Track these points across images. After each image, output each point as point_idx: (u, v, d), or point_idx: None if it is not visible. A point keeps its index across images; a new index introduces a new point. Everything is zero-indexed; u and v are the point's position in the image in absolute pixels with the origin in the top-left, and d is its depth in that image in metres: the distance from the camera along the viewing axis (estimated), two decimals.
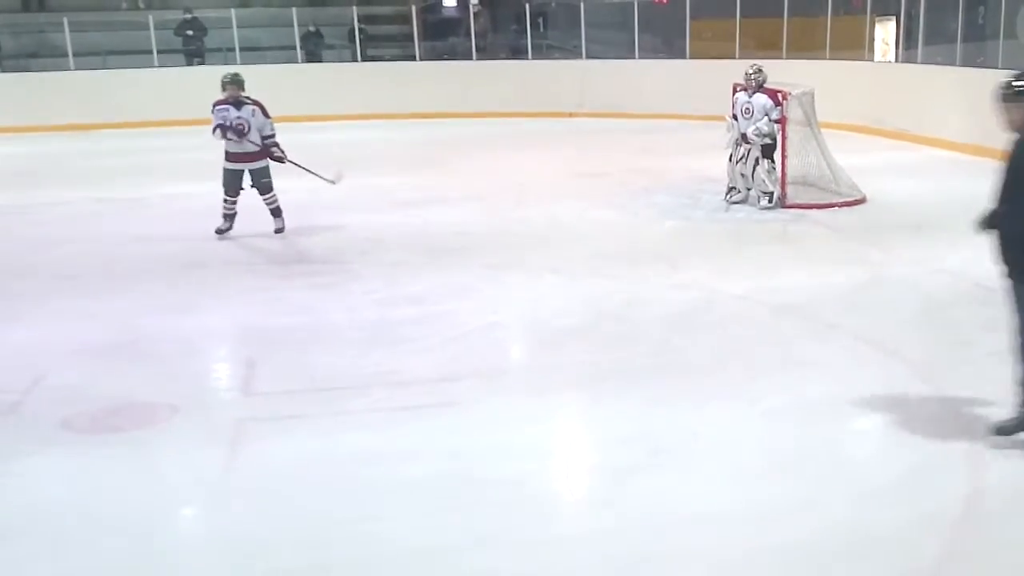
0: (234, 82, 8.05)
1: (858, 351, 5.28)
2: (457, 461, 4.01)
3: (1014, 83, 4.02)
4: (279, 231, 8.16)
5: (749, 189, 8.92)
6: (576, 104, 16.82)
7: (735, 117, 8.84)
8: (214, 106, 7.99)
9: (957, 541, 3.40)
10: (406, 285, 6.62)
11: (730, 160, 9.01)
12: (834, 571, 3.26)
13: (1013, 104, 4.03)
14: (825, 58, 14.70)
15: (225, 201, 8.06)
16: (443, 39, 19.55)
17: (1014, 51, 11.61)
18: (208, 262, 7.41)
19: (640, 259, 7.22)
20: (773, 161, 8.80)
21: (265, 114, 8.03)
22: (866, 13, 15.15)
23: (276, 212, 8.18)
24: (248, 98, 8.04)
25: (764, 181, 8.78)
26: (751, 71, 8.84)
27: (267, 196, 8.12)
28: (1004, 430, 4.09)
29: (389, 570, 3.30)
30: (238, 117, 7.90)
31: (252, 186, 8.05)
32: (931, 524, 3.47)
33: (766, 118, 8.65)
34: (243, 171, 8.03)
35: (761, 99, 8.73)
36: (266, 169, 8.07)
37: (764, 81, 8.83)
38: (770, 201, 8.73)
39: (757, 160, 8.80)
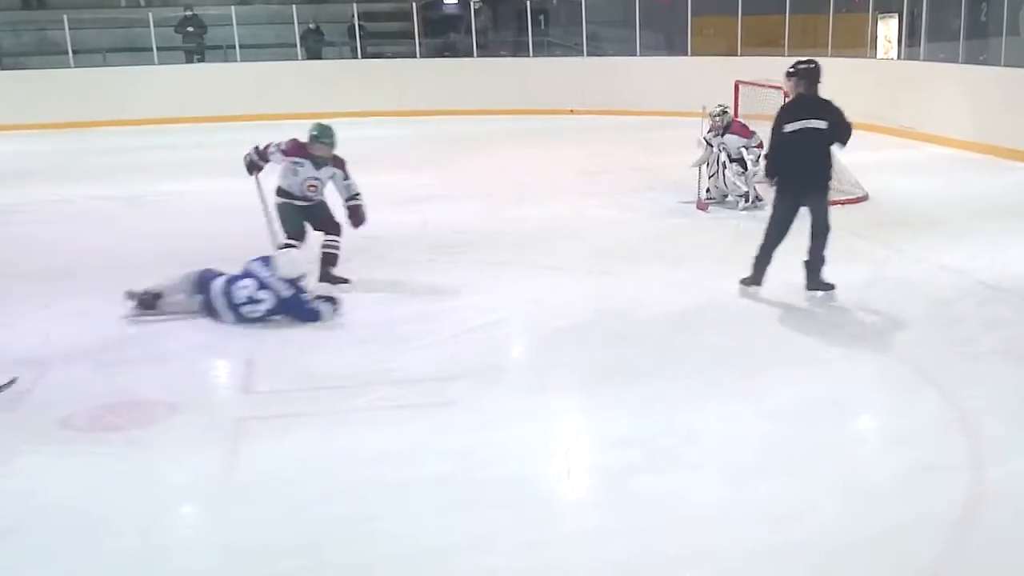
0: (325, 141, 6.41)
1: (859, 350, 5.28)
2: (457, 461, 4.00)
3: (792, 67, 6.01)
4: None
5: (726, 196, 8.90)
6: (577, 101, 16.81)
7: (710, 144, 8.84)
8: (286, 152, 6.46)
9: (957, 541, 3.39)
10: (406, 283, 6.61)
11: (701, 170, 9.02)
12: (834, 571, 3.25)
13: (786, 80, 5.98)
14: (827, 55, 14.66)
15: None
16: (444, 36, 19.53)
17: (1017, 48, 11.59)
18: (207, 260, 7.35)
19: (641, 257, 7.21)
20: (744, 166, 8.76)
21: (347, 175, 6.50)
22: (868, 10, 15.12)
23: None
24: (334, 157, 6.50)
25: (736, 184, 8.74)
26: (716, 113, 8.82)
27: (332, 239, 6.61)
28: (745, 281, 6.15)
29: (389, 570, 3.29)
30: (315, 178, 6.44)
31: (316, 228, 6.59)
32: (931, 524, 3.46)
33: (752, 155, 8.65)
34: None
35: (732, 139, 8.74)
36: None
37: (730, 122, 8.84)
38: (747, 201, 8.70)
39: (724, 165, 8.75)
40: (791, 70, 5.98)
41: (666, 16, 17.95)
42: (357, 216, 6.55)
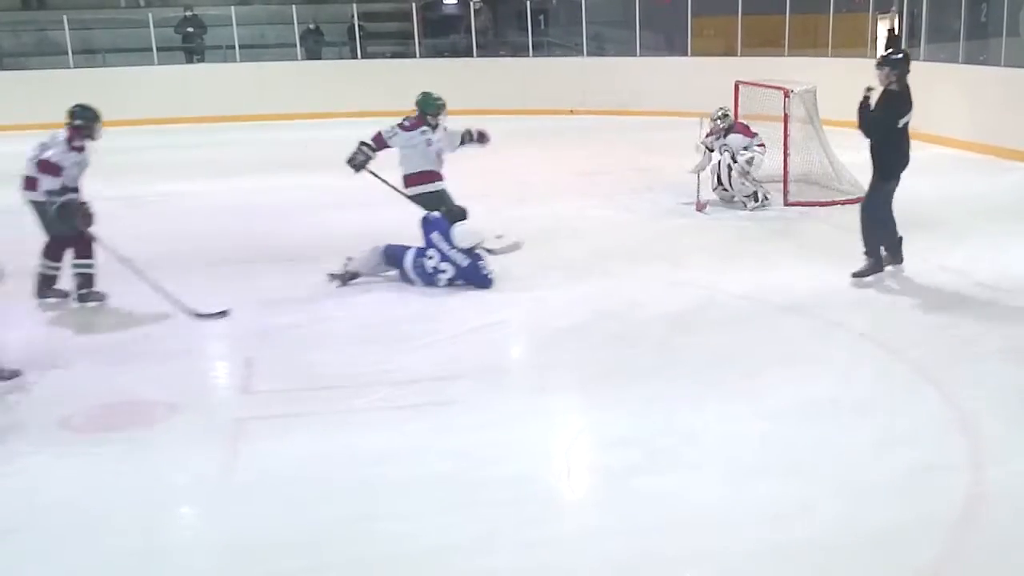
0: (440, 102, 7.30)
1: (859, 350, 5.28)
2: (457, 461, 4.01)
3: (886, 58, 6.33)
4: None
5: (733, 198, 8.88)
6: (577, 102, 16.79)
7: (710, 149, 8.86)
8: (410, 127, 7.10)
9: (957, 541, 3.39)
10: (406, 283, 6.61)
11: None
12: (834, 571, 3.25)
13: (879, 70, 6.22)
14: (827, 55, 14.67)
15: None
16: (443, 36, 19.51)
17: (1017, 49, 11.58)
18: (206, 260, 7.39)
19: (641, 257, 7.22)
20: (749, 164, 8.74)
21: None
22: (868, 10, 15.12)
23: None
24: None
25: (743, 184, 8.71)
26: (717, 117, 8.85)
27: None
28: (859, 274, 6.39)
29: (388, 570, 3.30)
30: (439, 141, 7.23)
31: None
32: (931, 524, 3.46)
33: (748, 153, 8.64)
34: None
35: (736, 139, 8.74)
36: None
37: (732, 125, 8.87)
38: (755, 200, 8.69)
39: (729, 167, 8.72)
40: (883, 60, 6.24)
41: (666, 16, 17.94)
42: (482, 134, 7.76)
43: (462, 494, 3.74)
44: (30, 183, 6.23)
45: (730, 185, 8.79)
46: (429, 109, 7.22)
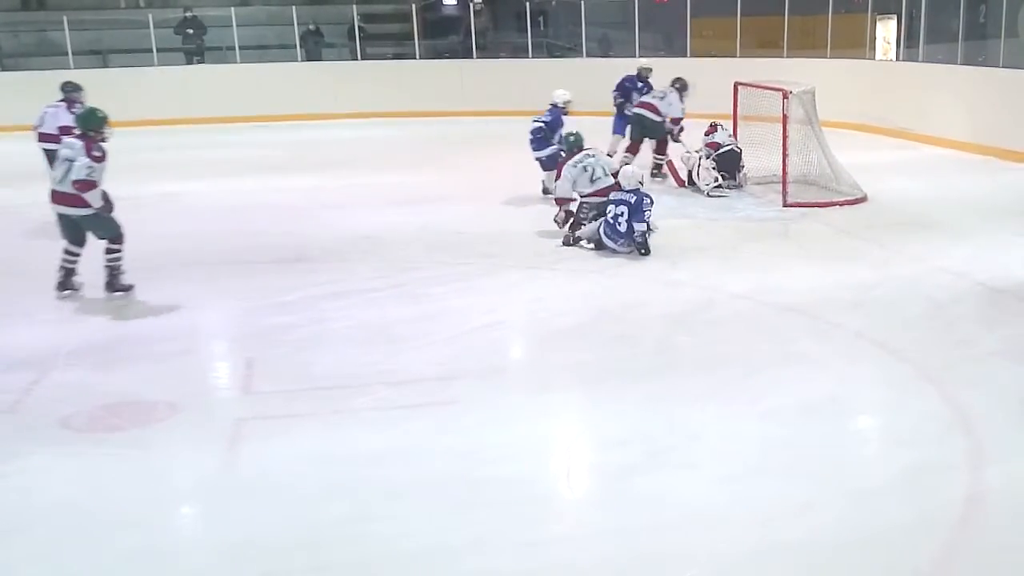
0: None
1: (859, 350, 5.28)
2: (457, 461, 4.01)
3: None
4: None
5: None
6: (577, 102, 16.78)
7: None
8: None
9: (956, 541, 3.40)
10: (406, 284, 6.61)
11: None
12: (834, 571, 3.25)
13: None
14: (826, 56, 14.68)
15: None
16: (443, 37, 19.53)
17: (1015, 50, 11.60)
18: (207, 260, 7.40)
19: (641, 257, 7.22)
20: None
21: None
22: (867, 11, 15.13)
23: None
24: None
25: (708, 171, 9.52)
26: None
27: None
28: None
29: (388, 570, 3.30)
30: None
31: None
32: (931, 524, 3.47)
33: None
34: None
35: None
36: None
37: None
38: (717, 183, 9.49)
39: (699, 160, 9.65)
40: None
41: (665, 17, 17.95)
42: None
43: (461, 494, 3.74)
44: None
45: (697, 177, 9.53)
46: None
